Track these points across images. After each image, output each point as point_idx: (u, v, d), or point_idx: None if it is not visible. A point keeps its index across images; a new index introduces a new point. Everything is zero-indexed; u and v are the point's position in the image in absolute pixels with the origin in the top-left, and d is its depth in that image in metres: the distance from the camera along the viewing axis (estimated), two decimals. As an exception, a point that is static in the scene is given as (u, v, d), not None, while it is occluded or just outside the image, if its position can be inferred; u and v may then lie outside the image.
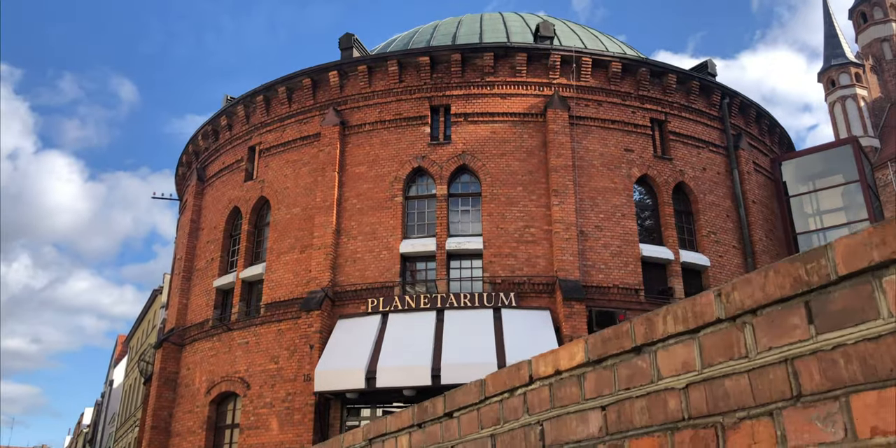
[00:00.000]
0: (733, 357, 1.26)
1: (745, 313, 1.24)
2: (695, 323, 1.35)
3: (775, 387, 1.16)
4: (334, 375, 14.61)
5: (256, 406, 16.06)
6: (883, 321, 1.00)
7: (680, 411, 1.36)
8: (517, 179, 17.48)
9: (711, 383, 1.30)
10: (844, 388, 1.05)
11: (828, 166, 22.09)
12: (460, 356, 14.39)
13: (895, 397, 0.97)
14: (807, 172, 22.48)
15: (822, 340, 1.09)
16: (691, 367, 1.36)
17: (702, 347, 1.33)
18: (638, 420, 1.46)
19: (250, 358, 16.85)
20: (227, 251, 19.75)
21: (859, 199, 20.96)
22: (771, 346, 1.18)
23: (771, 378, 1.17)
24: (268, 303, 17.28)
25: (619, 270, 16.84)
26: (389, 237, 16.98)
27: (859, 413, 1.02)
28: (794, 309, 1.15)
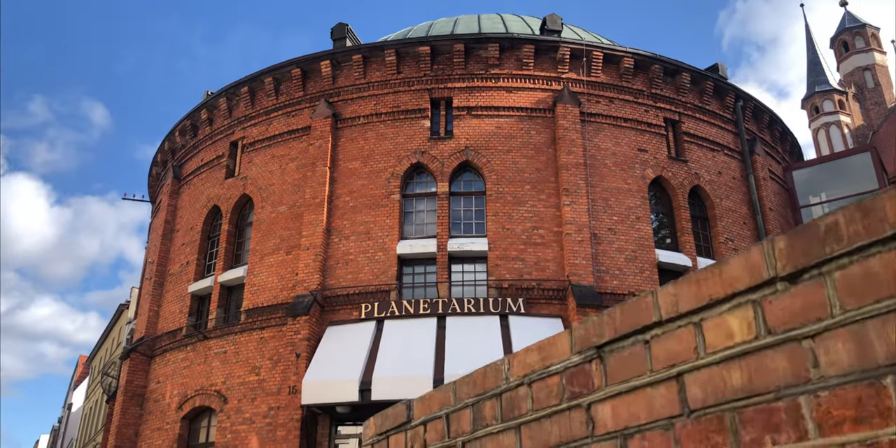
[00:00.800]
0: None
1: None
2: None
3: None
4: (324, 387, 13.32)
5: (234, 422, 14.66)
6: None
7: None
8: (524, 177, 16.49)
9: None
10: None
11: (843, 176, 21.43)
12: (465, 366, 13.14)
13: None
14: (820, 182, 21.81)
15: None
16: None
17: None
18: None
19: (228, 369, 15.48)
20: (205, 254, 18.44)
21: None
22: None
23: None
24: (249, 308, 15.97)
25: (635, 277, 15.84)
26: (385, 237, 15.84)
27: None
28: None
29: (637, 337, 1.23)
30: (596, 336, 1.32)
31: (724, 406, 1.04)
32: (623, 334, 1.26)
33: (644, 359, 1.20)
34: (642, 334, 1.22)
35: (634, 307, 1.25)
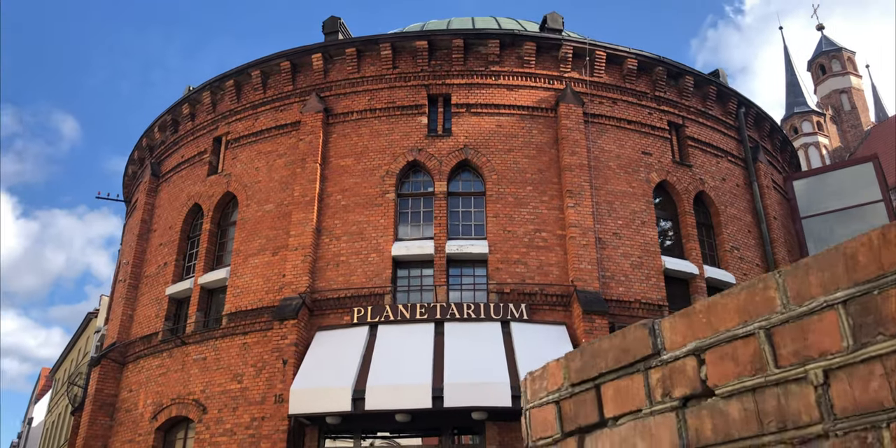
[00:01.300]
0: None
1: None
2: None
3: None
4: (313, 395, 12.49)
5: (214, 433, 13.75)
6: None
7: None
8: (526, 178, 15.90)
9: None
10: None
11: (844, 186, 21.16)
12: (466, 375, 12.48)
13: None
14: (821, 192, 21.51)
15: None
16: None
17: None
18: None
19: (208, 376, 14.58)
20: (184, 254, 17.56)
21: (882, 221, 19.97)
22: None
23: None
24: (231, 312, 15.11)
25: (641, 283, 15.27)
26: (379, 238, 15.12)
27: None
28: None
29: None
30: None
31: None
32: None
33: None
34: None
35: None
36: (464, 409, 12.37)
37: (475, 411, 12.51)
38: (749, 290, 0.95)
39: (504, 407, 12.25)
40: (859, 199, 20.66)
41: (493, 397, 12.22)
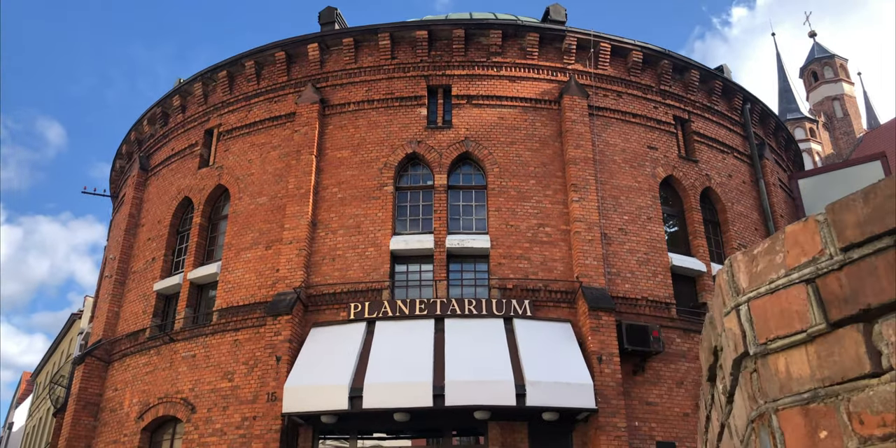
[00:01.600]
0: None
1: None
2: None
3: None
4: (308, 393, 12.00)
5: (203, 434, 13.21)
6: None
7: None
8: (529, 171, 15.50)
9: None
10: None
11: (851, 186, 20.87)
12: (468, 372, 12.03)
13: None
14: (826, 191, 21.21)
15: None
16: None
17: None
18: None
19: (197, 374, 14.05)
20: (173, 249, 17.03)
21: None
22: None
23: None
24: (222, 308, 14.60)
25: (648, 281, 14.87)
26: (377, 232, 14.66)
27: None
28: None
29: None
30: None
31: None
32: None
33: None
34: None
35: None
36: (466, 408, 11.91)
37: (477, 411, 12.06)
38: None
39: (508, 406, 11.80)
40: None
41: (497, 396, 11.77)
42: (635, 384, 13.41)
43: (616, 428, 12.35)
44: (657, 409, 13.36)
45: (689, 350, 14.36)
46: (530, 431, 12.61)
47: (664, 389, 13.65)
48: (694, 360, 14.30)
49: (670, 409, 13.47)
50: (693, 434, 13.35)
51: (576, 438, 12.78)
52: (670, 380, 13.81)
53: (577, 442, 12.75)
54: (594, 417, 12.47)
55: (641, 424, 13.01)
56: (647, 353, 13.44)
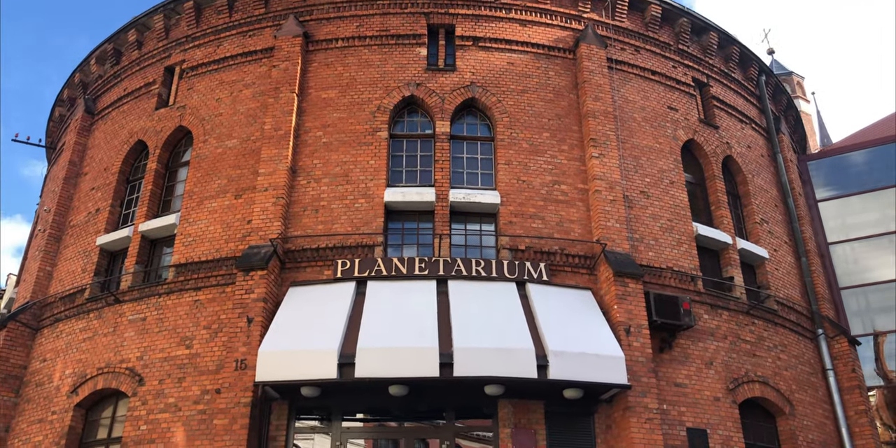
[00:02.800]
0: None
1: None
2: None
3: None
4: (288, 359, 10.20)
5: (153, 409, 11.25)
6: None
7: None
8: (542, 123, 14.03)
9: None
10: None
11: (862, 169, 20.07)
12: (480, 339, 10.42)
13: None
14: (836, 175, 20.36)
15: None
16: None
17: None
18: None
19: (148, 340, 12.08)
20: (122, 200, 14.99)
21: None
22: None
23: None
24: (181, 264, 12.66)
25: (672, 250, 13.53)
26: (369, 182, 12.96)
27: None
28: None
29: None
30: None
31: None
32: None
33: None
34: None
35: None
36: (477, 381, 10.29)
37: (489, 385, 10.45)
38: None
39: (527, 379, 10.23)
40: (880, 183, 19.57)
41: (515, 366, 10.19)
42: (662, 362, 11.99)
43: (647, 409, 10.89)
44: (686, 391, 11.97)
45: (717, 328, 13.05)
46: (546, 412, 11.04)
47: (693, 370, 12.27)
48: (723, 339, 12.99)
49: (700, 392, 12.10)
50: (725, 420, 12.00)
51: (598, 421, 11.27)
52: (699, 360, 12.45)
53: (600, 425, 11.24)
54: (622, 397, 10.99)
55: (670, 408, 11.59)
56: (676, 327, 12.05)
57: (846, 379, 14.49)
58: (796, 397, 13.42)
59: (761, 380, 12.95)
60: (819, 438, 13.33)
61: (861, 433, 13.81)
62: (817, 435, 13.34)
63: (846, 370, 14.58)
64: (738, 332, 13.28)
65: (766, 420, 13.07)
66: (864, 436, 13.77)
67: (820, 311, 15.36)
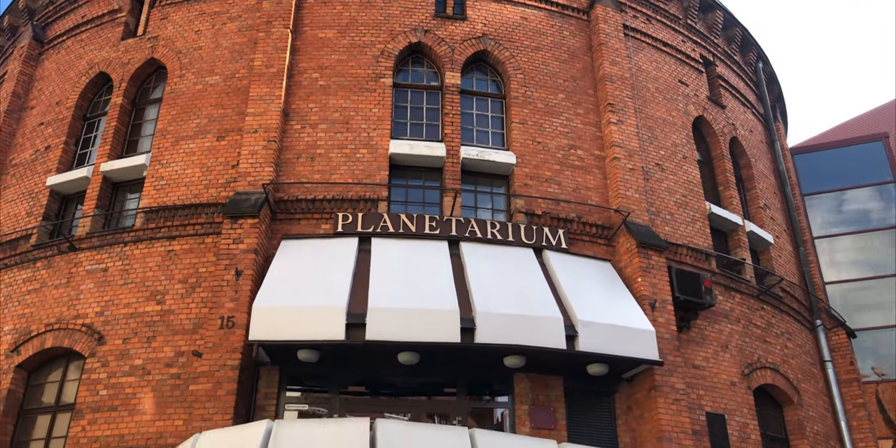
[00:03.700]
0: None
1: None
2: None
3: None
4: (287, 317, 9.01)
5: (115, 372, 9.85)
6: None
7: None
8: (557, 84, 13.21)
9: None
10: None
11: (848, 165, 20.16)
12: (502, 305, 9.50)
13: None
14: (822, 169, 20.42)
15: None
16: None
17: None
18: None
19: (110, 294, 10.62)
20: (77, 138, 13.35)
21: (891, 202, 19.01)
22: None
23: None
24: (152, 209, 11.23)
25: (687, 226, 12.94)
26: (372, 131, 11.83)
27: None
28: None
29: None
30: None
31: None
32: None
33: None
34: None
35: None
36: (497, 350, 9.36)
37: (510, 356, 9.53)
38: None
39: (555, 349, 9.35)
40: (866, 179, 19.68)
41: (541, 336, 9.32)
42: (681, 343, 11.33)
43: (674, 390, 10.20)
44: (704, 374, 11.35)
45: (731, 310, 12.51)
46: (566, 389, 10.20)
47: (710, 352, 11.68)
48: (736, 322, 12.46)
49: (717, 376, 11.51)
50: (741, 407, 11.45)
51: (618, 401, 10.51)
52: (715, 342, 11.87)
53: (620, 406, 10.48)
54: (647, 376, 10.26)
55: (689, 391, 10.93)
56: (697, 305, 11.42)
57: (844, 371, 14.24)
58: (802, 387, 13.04)
59: (772, 367, 12.50)
60: (822, 430, 12.98)
61: (859, 427, 13.56)
62: (821, 426, 12.99)
63: (844, 363, 14.34)
64: (749, 316, 12.79)
65: (774, 409, 12.63)
66: (862, 429, 13.52)
67: (818, 301, 15.10)
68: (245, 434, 6.05)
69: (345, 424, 5.92)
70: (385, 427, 5.94)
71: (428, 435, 6.14)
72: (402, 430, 6.05)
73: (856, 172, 19.52)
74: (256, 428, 6.02)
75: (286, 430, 5.89)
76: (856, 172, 19.52)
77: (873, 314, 17.74)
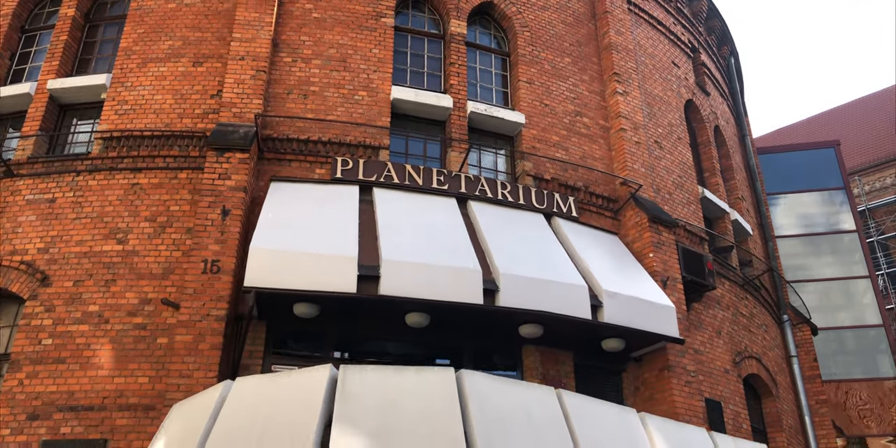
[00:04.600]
0: None
1: None
2: None
3: None
4: (290, 263, 7.86)
5: (63, 319, 8.37)
6: None
7: None
8: (564, 48, 12.57)
9: None
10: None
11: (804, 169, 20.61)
12: (524, 268, 8.71)
13: None
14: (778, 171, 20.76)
15: None
16: None
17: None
18: None
19: (58, 229, 9.08)
20: (13, 52, 11.51)
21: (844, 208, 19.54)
22: None
23: None
24: (113, 135, 9.72)
25: (684, 208, 12.60)
26: (372, 73, 10.77)
27: None
28: None
29: None
30: None
31: None
32: None
33: None
34: None
35: None
36: (514, 316, 8.58)
37: (528, 324, 8.76)
38: None
39: (580, 319, 8.66)
40: (820, 184, 20.14)
41: (567, 303, 8.59)
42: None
43: (686, 371, 9.72)
44: (703, 358, 10.97)
45: (722, 296, 12.24)
46: (576, 365, 9.52)
47: (706, 337, 11.33)
48: (727, 308, 12.20)
49: (713, 362, 11.17)
50: (734, 395, 11.14)
51: (626, 381, 9.93)
52: (710, 327, 11.53)
53: (628, 386, 9.90)
54: (659, 356, 9.73)
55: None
56: (702, 286, 11.03)
57: (808, 367, 14.32)
58: (778, 379, 12.96)
59: (757, 357, 12.32)
60: (794, 424, 12.93)
61: (821, 423, 13.63)
62: (792, 421, 12.94)
63: (808, 359, 14.42)
64: (737, 304, 12.57)
65: (754, 400, 12.44)
66: (824, 426, 13.60)
67: (784, 297, 15.17)
68: (300, 380, 4.97)
69: (427, 374, 4.94)
70: (473, 380, 5.01)
71: (516, 391, 5.26)
72: (491, 385, 5.14)
73: (808, 177, 19.98)
74: (316, 374, 4.95)
75: (357, 376, 4.85)
76: (808, 177, 19.98)
77: (821, 316, 18.11)
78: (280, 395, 4.91)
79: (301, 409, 4.74)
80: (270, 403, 4.90)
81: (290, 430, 4.63)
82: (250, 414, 4.89)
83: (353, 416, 4.65)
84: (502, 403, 5.03)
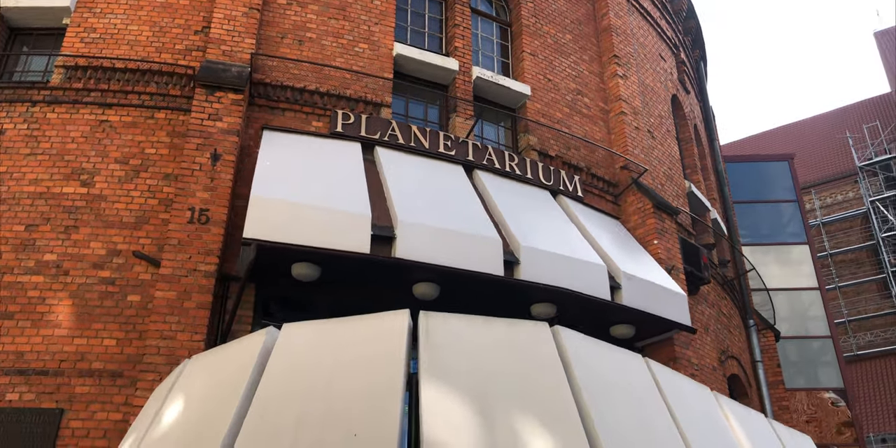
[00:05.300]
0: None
1: None
2: None
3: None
4: (295, 215, 6.93)
5: (11, 268, 7.17)
6: None
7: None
8: (565, 24, 12.09)
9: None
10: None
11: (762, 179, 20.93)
12: (544, 243, 8.08)
13: None
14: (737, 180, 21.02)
15: None
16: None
17: None
18: None
19: (6, 164, 7.84)
20: (-47, -34, 10.01)
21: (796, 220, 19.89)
22: None
23: None
24: (77, 65, 8.50)
25: (673, 200, 12.27)
26: (373, 25, 9.93)
27: None
28: None
29: None
30: None
31: None
32: None
33: None
34: None
35: None
36: (534, 293, 7.93)
37: (541, 303, 8.12)
38: None
39: (600, 299, 8.08)
40: (776, 196, 20.44)
41: (586, 282, 8.00)
42: (676, 319, 10.49)
43: (691, 364, 9.30)
44: (700, 353, 10.58)
45: (707, 293, 11.95)
46: (581, 353, 8.89)
47: (697, 333, 10.95)
48: (712, 306, 11.92)
49: (702, 359, 10.80)
50: (722, 392, 10.79)
51: (627, 374, 9.37)
52: (699, 323, 11.19)
53: (629, 379, 9.34)
54: (663, 347, 9.28)
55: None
56: (698, 279, 10.68)
57: (771, 373, 14.26)
58: (751, 382, 12.78)
59: (736, 357, 12.09)
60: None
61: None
62: (763, 426, 12.75)
63: (772, 365, 14.37)
64: (719, 303, 12.33)
65: (731, 403, 12.17)
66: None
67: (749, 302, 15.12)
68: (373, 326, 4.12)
69: (520, 327, 4.20)
70: (570, 337, 4.30)
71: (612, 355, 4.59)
72: (587, 345, 4.44)
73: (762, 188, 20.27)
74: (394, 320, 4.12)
75: (441, 326, 4.06)
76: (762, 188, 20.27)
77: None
78: (349, 345, 4.05)
79: (380, 363, 3.90)
80: (335, 355, 4.03)
81: (369, 388, 3.78)
82: (310, 367, 4.00)
83: (443, 372, 3.85)
84: (602, 367, 4.35)
